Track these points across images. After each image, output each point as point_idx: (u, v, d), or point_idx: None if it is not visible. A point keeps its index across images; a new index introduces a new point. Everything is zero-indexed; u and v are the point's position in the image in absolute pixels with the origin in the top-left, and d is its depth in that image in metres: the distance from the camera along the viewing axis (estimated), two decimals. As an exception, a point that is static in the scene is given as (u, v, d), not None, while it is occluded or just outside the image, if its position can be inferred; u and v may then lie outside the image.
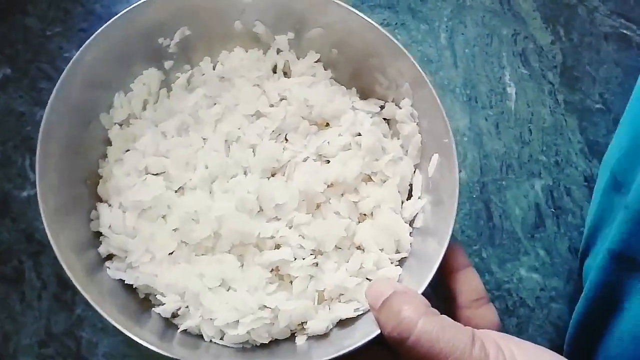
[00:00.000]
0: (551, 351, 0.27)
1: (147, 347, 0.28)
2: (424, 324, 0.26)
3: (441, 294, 0.32)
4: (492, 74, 0.49)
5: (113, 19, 0.34)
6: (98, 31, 0.33)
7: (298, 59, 0.39)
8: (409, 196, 0.37)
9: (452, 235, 0.31)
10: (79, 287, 0.29)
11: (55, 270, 0.40)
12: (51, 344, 0.38)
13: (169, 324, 0.33)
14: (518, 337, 0.28)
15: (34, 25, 0.48)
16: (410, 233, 0.35)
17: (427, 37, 0.49)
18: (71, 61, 0.33)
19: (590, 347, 0.37)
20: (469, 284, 0.32)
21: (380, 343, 0.29)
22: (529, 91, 0.49)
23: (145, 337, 0.29)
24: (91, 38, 0.33)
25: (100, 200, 0.35)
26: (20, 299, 0.39)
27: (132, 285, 0.33)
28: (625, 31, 0.52)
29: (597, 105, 0.49)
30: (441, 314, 0.28)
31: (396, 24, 0.49)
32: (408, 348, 0.26)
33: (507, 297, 0.43)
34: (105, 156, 0.36)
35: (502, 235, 0.44)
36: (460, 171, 0.45)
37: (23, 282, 0.39)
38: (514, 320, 0.42)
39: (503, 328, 0.42)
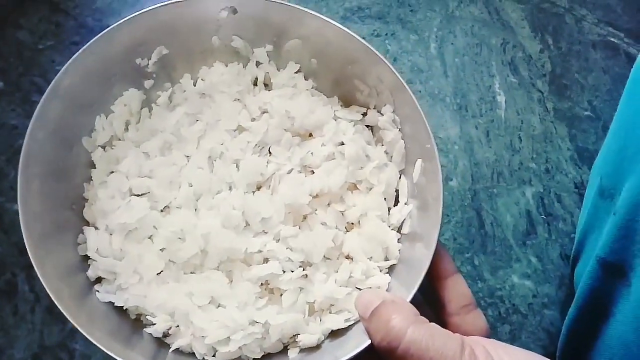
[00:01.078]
0: (541, 356, 0.27)
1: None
2: (413, 332, 0.26)
3: (429, 301, 0.33)
4: (482, 82, 0.49)
5: (89, 43, 0.34)
6: (75, 55, 0.33)
7: (278, 71, 0.39)
8: (396, 202, 0.37)
9: (441, 242, 0.31)
10: (66, 314, 0.29)
11: (48, 283, 0.40)
12: (44, 357, 0.38)
13: (161, 343, 0.33)
14: (511, 344, 0.28)
15: (26, 39, 0.48)
16: (398, 240, 0.35)
17: (417, 47, 0.50)
18: (49, 87, 0.32)
19: (582, 353, 0.37)
20: (456, 291, 0.32)
21: (372, 353, 0.29)
22: (518, 99, 0.49)
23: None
24: (68, 62, 0.33)
25: (87, 224, 0.35)
26: (14, 312, 0.39)
27: (122, 307, 0.33)
28: (612, 39, 0.53)
29: (586, 113, 0.49)
30: (430, 321, 0.28)
31: (386, 34, 0.50)
32: (398, 357, 0.26)
33: (500, 304, 0.43)
34: (90, 179, 0.36)
35: (494, 242, 0.44)
36: (451, 179, 0.46)
37: (16, 295, 0.39)
38: (507, 327, 0.42)
39: (496, 335, 0.42)
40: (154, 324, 0.32)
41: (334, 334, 0.33)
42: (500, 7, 0.52)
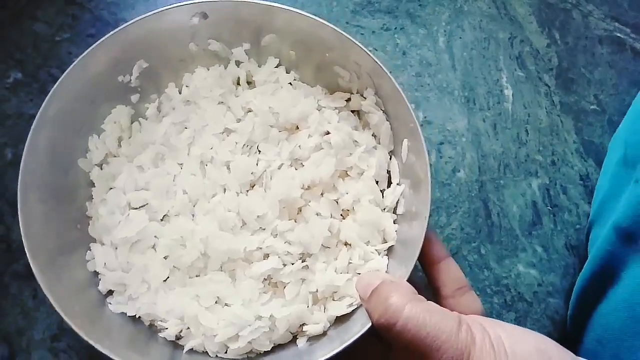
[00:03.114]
0: (537, 333, 0.28)
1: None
2: (411, 309, 0.27)
3: (425, 286, 0.33)
4: (490, 76, 0.50)
5: (67, 70, 0.34)
6: (56, 84, 0.34)
7: (259, 67, 0.40)
8: (389, 184, 0.37)
9: (447, 229, 0.32)
10: (79, 332, 0.30)
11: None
12: (63, 339, 0.39)
13: (176, 345, 0.34)
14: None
15: (43, 31, 0.49)
16: (394, 221, 0.36)
17: (425, 41, 0.50)
18: (36, 116, 0.33)
19: (590, 314, 0.38)
20: (450, 274, 0.33)
21: (374, 336, 0.30)
22: (525, 93, 0.50)
23: None
24: (51, 91, 0.34)
25: (94, 241, 0.36)
26: (33, 295, 0.40)
27: (135, 315, 0.34)
28: (619, 34, 0.53)
29: (592, 107, 0.50)
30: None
31: (395, 28, 0.51)
32: (396, 333, 0.27)
33: (506, 292, 0.44)
34: (91, 198, 0.37)
35: (500, 232, 0.45)
36: (459, 171, 0.47)
37: (35, 279, 0.40)
38: (512, 314, 0.43)
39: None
40: (166, 329, 0.33)
41: (339, 319, 0.34)
42: (508, 2, 0.53)
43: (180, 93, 0.39)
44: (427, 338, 0.26)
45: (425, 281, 0.34)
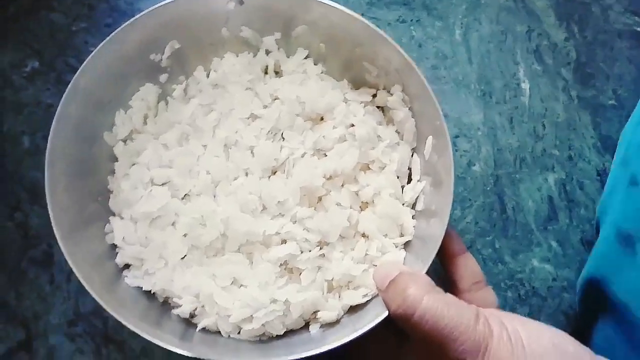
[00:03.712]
0: (554, 328, 0.27)
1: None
2: (429, 300, 0.27)
3: (442, 279, 0.33)
4: (507, 70, 0.50)
5: (102, 43, 0.35)
6: (89, 56, 0.34)
7: (288, 58, 0.40)
8: (409, 180, 0.37)
9: (461, 225, 0.32)
10: (98, 299, 0.30)
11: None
12: (79, 323, 0.39)
13: (189, 323, 0.34)
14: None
15: (60, 21, 0.50)
16: (413, 216, 0.36)
17: (442, 34, 0.50)
18: (67, 88, 0.34)
19: (595, 314, 0.38)
20: (467, 269, 0.33)
21: (387, 327, 0.30)
22: (542, 87, 0.49)
23: (166, 340, 0.30)
24: (84, 64, 0.34)
25: (113, 214, 0.36)
26: (50, 280, 0.40)
27: (150, 290, 0.34)
28: (638, 29, 0.52)
29: (610, 102, 0.50)
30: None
31: (412, 20, 0.50)
32: (413, 324, 0.27)
33: (520, 286, 0.44)
34: (113, 172, 0.37)
35: (515, 226, 0.45)
36: (474, 165, 0.47)
37: (52, 264, 0.41)
38: (526, 309, 0.43)
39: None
40: (181, 306, 0.34)
41: (353, 309, 0.34)
42: (526, -5, 0.52)
43: (207, 77, 0.40)
44: (445, 329, 0.26)
45: (439, 274, 0.34)
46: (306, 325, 0.35)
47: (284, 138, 0.38)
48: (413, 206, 0.36)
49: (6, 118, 0.46)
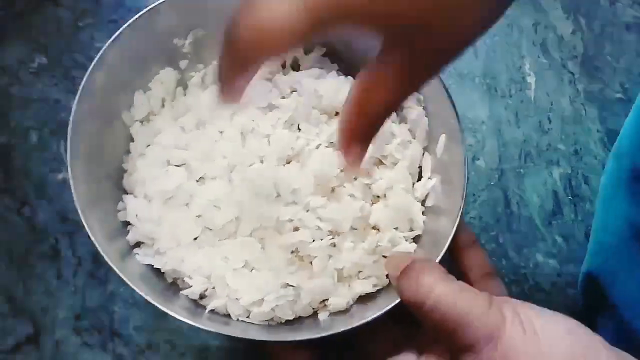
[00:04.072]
0: (566, 316, 0.27)
1: (175, 322, 0.30)
2: (443, 287, 0.27)
3: (451, 271, 0.33)
4: (512, 63, 0.49)
5: (129, 21, 0.35)
6: (119, 30, 0.34)
7: (306, 54, 0.40)
8: (419, 178, 0.38)
9: (465, 217, 0.32)
10: (114, 267, 0.30)
11: (90, 248, 0.42)
12: (86, 318, 0.40)
13: (197, 305, 0.35)
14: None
15: (67, 17, 0.50)
16: (422, 212, 0.36)
17: (447, 27, 0.50)
18: (94, 60, 0.34)
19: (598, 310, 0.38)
20: (476, 260, 0.33)
21: (394, 320, 0.30)
22: (548, 81, 0.49)
23: (177, 312, 0.30)
24: (113, 37, 0.34)
25: (125, 193, 0.37)
26: (57, 275, 0.41)
27: (159, 271, 0.35)
28: (647, 21, 0.52)
29: (617, 95, 0.49)
30: None
31: (417, 14, 0.50)
32: (427, 310, 0.27)
33: (524, 281, 0.44)
34: (127, 152, 0.38)
35: (520, 221, 0.45)
36: (478, 159, 0.46)
37: (59, 259, 0.41)
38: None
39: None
40: (190, 287, 0.34)
41: (362, 299, 0.34)
42: (532, -13, 0.52)
43: None
44: (458, 315, 0.26)
45: (446, 266, 0.34)
46: (314, 314, 0.35)
47: (299, 129, 0.38)
48: (423, 203, 0.37)
49: (13, 114, 0.46)
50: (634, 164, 0.37)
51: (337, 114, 0.39)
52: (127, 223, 0.36)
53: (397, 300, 0.30)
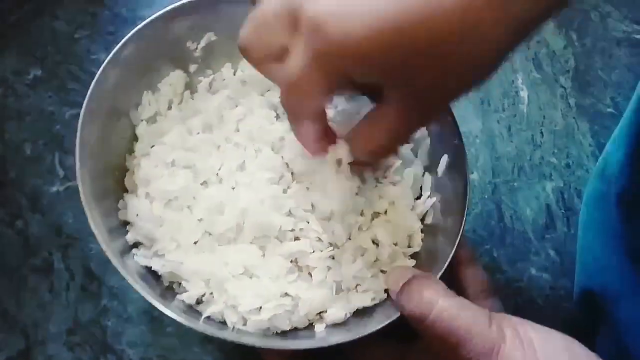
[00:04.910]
0: (563, 334, 0.28)
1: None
2: (445, 302, 0.27)
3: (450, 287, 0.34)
4: (505, 77, 0.50)
5: (146, 21, 0.35)
6: (131, 32, 0.35)
7: None
8: (420, 196, 0.38)
9: (462, 234, 0.32)
10: (114, 262, 0.30)
11: (83, 262, 0.42)
12: (78, 332, 0.40)
13: (193, 311, 0.34)
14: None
15: (63, 29, 0.50)
16: (421, 230, 0.36)
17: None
18: (110, 54, 0.34)
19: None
20: (475, 277, 0.34)
21: (390, 336, 0.31)
22: (541, 95, 0.50)
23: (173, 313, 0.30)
24: (131, 33, 0.35)
25: (126, 192, 0.37)
26: (50, 289, 0.41)
27: (156, 274, 0.34)
28: (637, 36, 0.53)
29: (609, 109, 0.50)
30: None
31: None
32: (429, 325, 0.27)
33: (517, 295, 0.44)
34: (130, 151, 0.38)
35: (513, 235, 0.45)
36: (472, 172, 0.47)
37: (52, 273, 0.41)
38: (524, 318, 0.43)
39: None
40: (187, 291, 0.34)
41: (360, 312, 0.34)
42: (525, 3, 0.52)
43: (234, 75, 0.40)
44: (459, 330, 0.26)
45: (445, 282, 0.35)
46: (310, 326, 0.35)
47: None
48: (422, 220, 0.37)
49: (8, 125, 0.46)
50: (623, 188, 0.37)
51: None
52: (126, 223, 0.35)
53: (397, 315, 0.30)
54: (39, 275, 0.41)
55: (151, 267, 0.34)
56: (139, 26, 0.35)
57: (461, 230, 0.32)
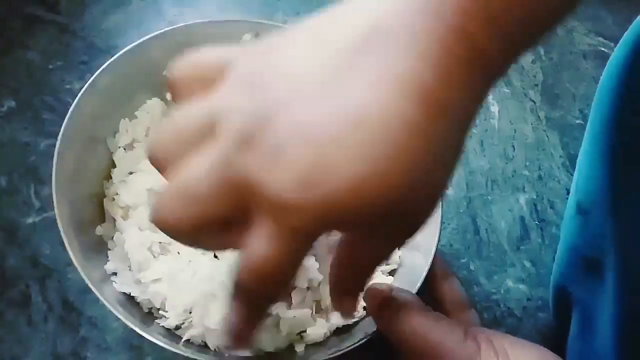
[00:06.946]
0: (538, 345, 0.28)
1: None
2: (420, 317, 0.28)
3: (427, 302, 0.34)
4: (476, 93, 0.51)
5: (123, 50, 0.36)
6: (108, 62, 0.35)
7: None
8: None
9: (439, 249, 0.33)
10: (92, 288, 0.30)
11: (60, 293, 0.41)
12: (57, 365, 0.39)
13: (173, 336, 0.34)
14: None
15: (36, 59, 0.50)
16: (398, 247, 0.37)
17: (412, 60, 0.51)
18: (88, 81, 0.35)
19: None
20: (451, 291, 0.34)
21: (369, 351, 0.31)
22: (511, 109, 0.51)
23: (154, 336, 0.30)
24: (109, 61, 0.35)
25: (104, 220, 0.37)
26: (27, 321, 0.40)
27: (134, 300, 0.34)
28: (603, 49, 0.54)
29: (578, 121, 0.51)
30: None
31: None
32: (405, 340, 0.28)
33: (495, 307, 0.44)
34: (108, 178, 0.38)
35: (489, 248, 0.46)
36: (447, 188, 0.47)
37: (30, 305, 0.41)
38: (503, 330, 0.44)
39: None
40: (167, 318, 0.34)
41: (339, 331, 0.35)
42: (492, 20, 0.54)
43: None
44: (435, 344, 0.27)
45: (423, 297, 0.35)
46: (291, 347, 0.35)
47: None
48: None
49: (-17, 158, 0.46)
50: (578, 198, 0.38)
51: None
52: (105, 248, 0.35)
53: (373, 330, 0.31)
54: (17, 308, 0.41)
55: (130, 294, 0.34)
56: (115, 56, 0.36)
57: (436, 246, 0.33)
